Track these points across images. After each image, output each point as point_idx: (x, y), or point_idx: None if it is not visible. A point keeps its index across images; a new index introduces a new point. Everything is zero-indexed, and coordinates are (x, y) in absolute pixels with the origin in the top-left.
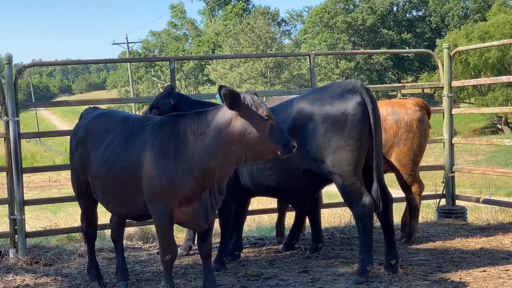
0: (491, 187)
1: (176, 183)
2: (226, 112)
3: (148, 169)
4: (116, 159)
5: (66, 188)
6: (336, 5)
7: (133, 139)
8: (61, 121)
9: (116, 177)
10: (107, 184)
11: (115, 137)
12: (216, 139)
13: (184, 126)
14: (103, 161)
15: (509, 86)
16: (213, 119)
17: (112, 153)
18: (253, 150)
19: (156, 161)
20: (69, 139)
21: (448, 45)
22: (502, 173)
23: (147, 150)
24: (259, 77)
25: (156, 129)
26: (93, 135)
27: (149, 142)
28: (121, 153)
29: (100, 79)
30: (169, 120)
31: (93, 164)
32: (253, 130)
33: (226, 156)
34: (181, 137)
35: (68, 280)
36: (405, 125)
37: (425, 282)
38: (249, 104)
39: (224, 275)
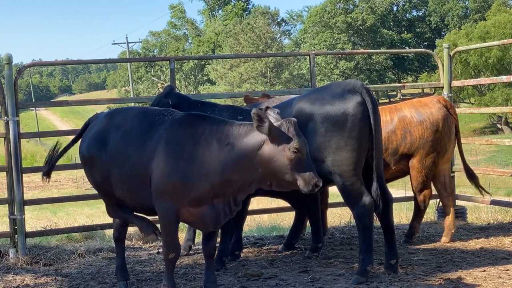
0: (491, 187)
1: (187, 184)
2: (259, 133)
3: (160, 165)
4: (133, 150)
5: (66, 188)
6: (336, 5)
7: (152, 132)
8: (61, 121)
9: (132, 168)
10: (123, 174)
11: (133, 128)
12: (244, 156)
13: (208, 131)
14: (120, 150)
15: (508, 86)
16: (245, 135)
17: (130, 143)
18: (276, 178)
19: (169, 159)
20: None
21: (448, 45)
22: (502, 173)
23: (161, 146)
24: (259, 77)
25: (176, 127)
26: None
27: (165, 139)
28: (139, 144)
29: (100, 79)
30: (190, 120)
31: (109, 154)
32: (280, 159)
33: (250, 174)
34: (203, 141)
35: (68, 280)
36: (431, 126)
37: (425, 282)
38: (284, 132)
39: (224, 275)
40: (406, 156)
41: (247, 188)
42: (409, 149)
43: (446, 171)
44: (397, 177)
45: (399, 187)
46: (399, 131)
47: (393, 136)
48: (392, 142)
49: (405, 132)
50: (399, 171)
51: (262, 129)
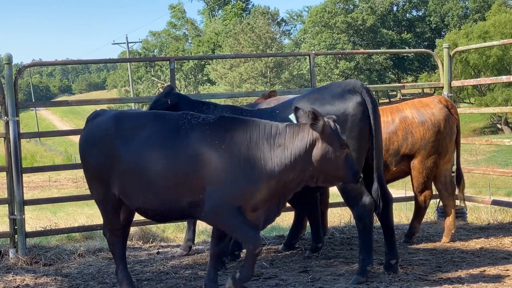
0: (491, 187)
1: (252, 188)
2: (312, 132)
3: (217, 170)
4: (162, 155)
5: (66, 188)
6: (336, 5)
7: (184, 137)
8: (61, 121)
9: (161, 175)
10: (149, 182)
11: (155, 133)
12: (298, 155)
13: (257, 133)
14: (144, 157)
15: (508, 86)
16: (297, 134)
17: (156, 149)
18: (326, 174)
19: (229, 164)
20: (80, 144)
21: (448, 45)
22: (502, 173)
23: (213, 151)
24: (259, 77)
25: (220, 131)
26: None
27: (214, 143)
28: (170, 150)
29: (100, 79)
30: (231, 123)
31: (125, 162)
32: (332, 155)
33: (302, 172)
34: (254, 143)
35: (68, 280)
36: (433, 126)
37: (425, 282)
38: (333, 130)
39: (224, 275)
40: (407, 157)
41: (297, 187)
42: (411, 150)
43: (447, 171)
44: (398, 177)
45: (399, 187)
46: (400, 132)
47: (395, 137)
48: (393, 142)
49: (407, 132)
50: (400, 172)
51: (317, 127)
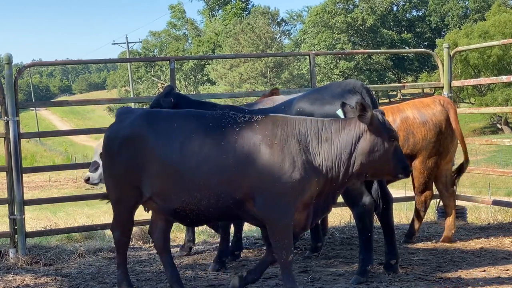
0: (491, 187)
1: (303, 184)
2: (359, 124)
3: (271, 168)
4: (209, 156)
5: (66, 188)
6: (336, 5)
7: (231, 136)
8: (61, 121)
9: (210, 175)
10: (193, 183)
11: (196, 133)
12: (345, 149)
13: (305, 129)
14: (186, 159)
15: (508, 86)
16: (344, 128)
17: (201, 150)
18: (375, 168)
19: (282, 160)
20: (106, 142)
21: (448, 45)
22: (502, 173)
23: (264, 149)
24: (259, 77)
25: (271, 128)
26: (155, 133)
27: (265, 140)
28: (216, 150)
29: (100, 79)
30: (279, 120)
31: (164, 163)
32: (380, 148)
33: (349, 167)
34: (303, 139)
35: (68, 280)
36: (434, 127)
37: (425, 282)
38: (381, 122)
39: (224, 275)
40: (408, 157)
41: (346, 182)
42: (412, 150)
43: (448, 172)
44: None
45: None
46: (401, 132)
47: None
48: None
49: (408, 133)
50: None
51: (364, 119)
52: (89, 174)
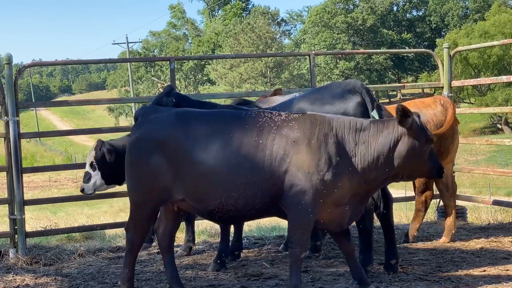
0: (491, 187)
1: (338, 184)
2: (398, 127)
3: (303, 165)
4: (248, 155)
5: (66, 188)
6: (336, 5)
7: (269, 134)
8: (61, 121)
9: (250, 175)
10: (232, 182)
11: (233, 133)
12: (382, 152)
13: (342, 129)
14: (224, 159)
15: (508, 86)
16: (382, 131)
17: (239, 149)
18: (411, 169)
19: (318, 159)
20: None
21: (448, 45)
22: (502, 173)
23: (302, 146)
24: (259, 77)
25: (309, 126)
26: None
27: (303, 138)
28: (256, 148)
29: (100, 79)
30: (321, 119)
31: (200, 164)
32: (418, 150)
33: (386, 169)
34: (340, 140)
35: (68, 280)
36: (435, 127)
37: (425, 282)
38: (419, 125)
39: (224, 275)
40: None
41: (381, 184)
42: None
43: (449, 172)
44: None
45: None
46: None
47: None
48: None
49: None
50: None
51: (406, 123)
52: (83, 185)
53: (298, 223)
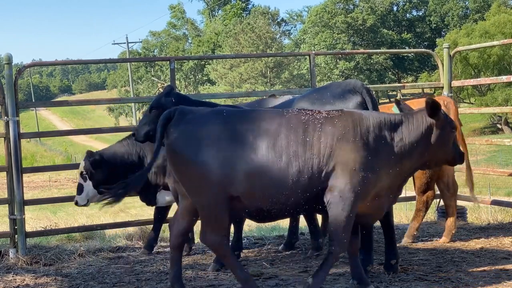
0: (491, 187)
1: (378, 179)
2: (427, 119)
3: (348, 162)
4: (296, 152)
5: (66, 188)
6: (336, 5)
7: (314, 132)
8: (61, 121)
9: (299, 171)
10: (285, 180)
11: (279, 130)
12: (414, 143)
13: (379, 125)
14: (275, 158)
15: (508, 86)
16: (412, 123)
17: (288, 146)
18: (438, 157)
19: (361, 156)
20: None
21: (448, 45)
22: (502, 173)
23: (346, 144)
24: (259, 77)
25: (351, 123)
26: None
27: (347, 136)
28: (303, 146)
29: (100, 79)
30: (360, 115)
31: (251, 161)
32: (445, 139)
33: (418, 158)
34: (378, 135)
35: (68, 280)
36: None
37: (425, 282)
38: (444, 115)
39: (224, 275)
40: None
41: (412, 173)
42: None
43: (450, 172)
44: None
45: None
46: None
47: None
48: None
49: None
50: None
51: (435, 115)
52: (76, 198)
53: (341, 221)
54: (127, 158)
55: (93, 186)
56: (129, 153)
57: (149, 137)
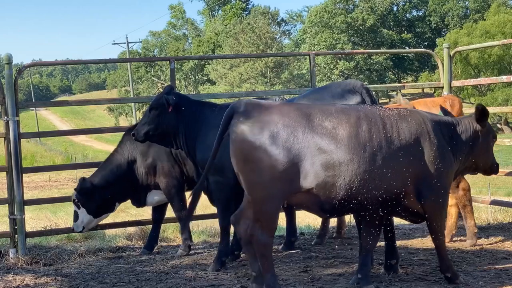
0: (491, 187)
1: (448, 176)
2: (474, 125)
3: (434, 161)
4: (376, 147)
5: (66, 188)
6: (336, 5)
7: (392, 127)
8: (61, 121)
9: (382, 165)
10: (372, 174)
11: (359, 124)
12: (464, 146)
13: (440, 126)
14: (357, 151)
15: (508, 86)
16: (462, 128)
17: (370, 141)
18: (479, 163)
19: (440, 154)
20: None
21: (448, 45)
22: (502, 173)
23: (424, 141)
24: (259, 77)
25: (422, 122)
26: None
27: (423, 133)
28: (382, 140)
29: (100, 79)
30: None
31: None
32: (487, 146)
33: (464, 162)
34: (442, 136)
35: (68, 280)
36: None
37: (425, 282)
38: (488, 123)
39: (224, 275)
40: None
41: (454, 178)
42: None
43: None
44: None
45: None
46: None
47: None
48: None
49: None
50: None
51: (483, 122)
52: (73, 225)
53: (438, 214)
54: (117, 172)
55: (87, 212)
56: (119, 165)
57: (149, 137)
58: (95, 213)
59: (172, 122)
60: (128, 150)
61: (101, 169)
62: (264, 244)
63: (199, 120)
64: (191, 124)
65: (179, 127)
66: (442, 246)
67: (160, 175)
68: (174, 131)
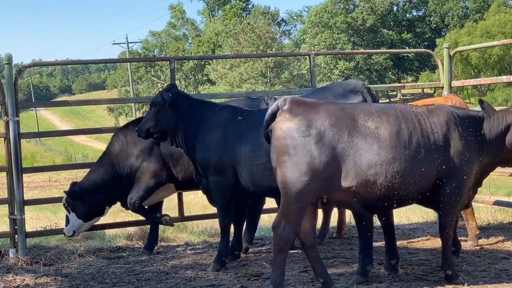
0: (491, 187)
1: (473, 169)
2: (506, 119)
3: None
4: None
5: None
6: (336, 5)
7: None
8: (61, 121)
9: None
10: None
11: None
12: (494, 139)
13: (466, 120)
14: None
15: (508, 86)
16: (494, 122)
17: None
18: (507, 156)
19: (466, 149)
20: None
21: (448, 45)
22: (502, 173)
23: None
24: (259, 77)
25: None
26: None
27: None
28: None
29: (100, 79)
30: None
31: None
32: None
33: (496, 155)
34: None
35: (68, 280)
36: None
37: (425, 282)
38: None
39: (224, 275)
40: None
41: (491, 169)
42: None
43: None
44: None
45: None
46: None
47: None
48: None
49: None
50: None
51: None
52: (64, 229)
53: (454, 209)
54: (106, 176)
55: (77, 216)
56: (107, 168)
57: (150, 134)
58: (85, 217)
59: (170, 119)
60: (116, 151)
61: (90, 172)
62: (285, 239)
63: (199, 119)
64: (191, 123)
65: (178, 125)
66: (448, 242)
67: (147, 175)
68: (173, 129)
